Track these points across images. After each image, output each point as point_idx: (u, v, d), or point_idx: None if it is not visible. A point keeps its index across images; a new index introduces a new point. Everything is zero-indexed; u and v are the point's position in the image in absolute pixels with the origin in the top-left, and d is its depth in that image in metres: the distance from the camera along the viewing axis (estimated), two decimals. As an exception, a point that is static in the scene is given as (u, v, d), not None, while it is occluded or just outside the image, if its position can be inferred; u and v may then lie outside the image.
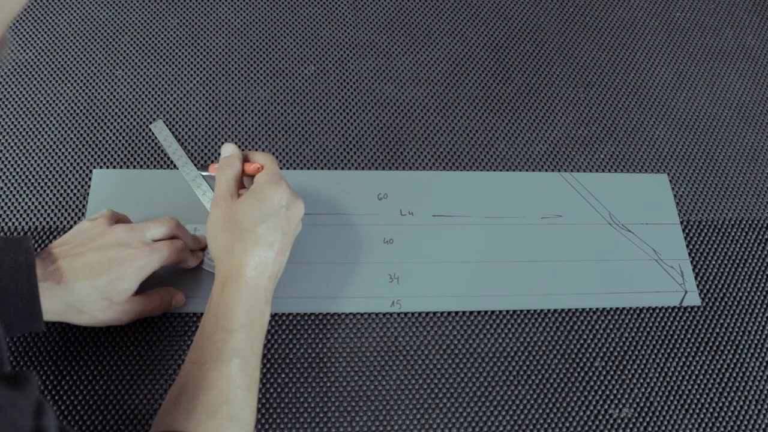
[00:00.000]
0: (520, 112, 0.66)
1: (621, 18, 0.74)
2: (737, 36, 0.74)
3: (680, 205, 0.62)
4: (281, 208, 0.47)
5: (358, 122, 0.64)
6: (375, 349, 0.53)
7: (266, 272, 0.46)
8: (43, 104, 0.62)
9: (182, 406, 0.41)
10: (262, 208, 0.47)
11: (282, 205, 0.47)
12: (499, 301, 0.55)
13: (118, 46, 0.66)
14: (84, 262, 0.45)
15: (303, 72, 0.66)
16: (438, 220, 0.59)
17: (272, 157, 0.51)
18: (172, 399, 0.42)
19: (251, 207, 0.47)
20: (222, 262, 0.46)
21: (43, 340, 0.51)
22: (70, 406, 0.49)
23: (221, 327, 0.44)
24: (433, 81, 0.67)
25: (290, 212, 0.48)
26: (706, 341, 0.56)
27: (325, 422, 0.50)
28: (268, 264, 0.46)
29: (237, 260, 0.45)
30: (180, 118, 0.62)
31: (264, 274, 0.46)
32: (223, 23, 0.69)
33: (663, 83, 0.70)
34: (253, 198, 0.47)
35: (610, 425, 0.52)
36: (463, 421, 0.51)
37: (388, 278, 0.56)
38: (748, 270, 0.60)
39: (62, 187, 0.58)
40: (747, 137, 0.67)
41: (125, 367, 0.51)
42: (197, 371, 0.42)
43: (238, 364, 0.43)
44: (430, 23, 0.71)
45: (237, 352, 0.43)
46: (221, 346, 0.43)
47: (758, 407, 0.53)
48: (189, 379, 0.42)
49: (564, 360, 0.54)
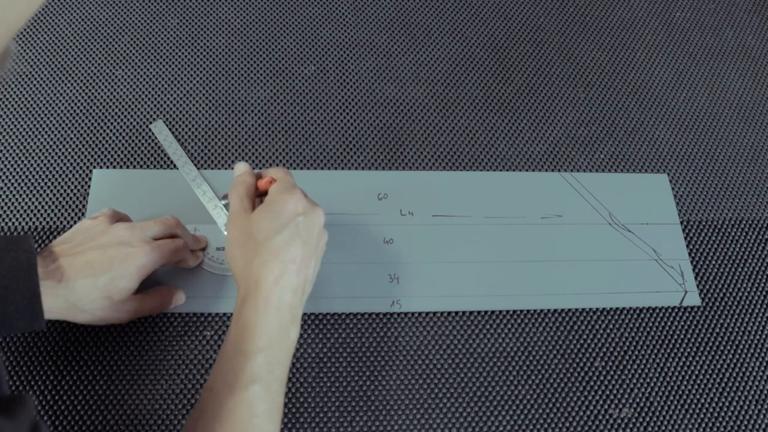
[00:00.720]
0: (520, 112, 0.66)
1: (621, 18, 0.74)
2: (737, 36, 0.74)
3: (680, 205, 0.62)
4: (297, 216, 0.45)
5: (358, 122, 0.64)
6: (375, 349, 0.53)
7: (289, 286, 0.43)
8: (43, 104, 0.62)
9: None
10: (277, 218, 0.44)
11: (297, 213, 0.45)
12: (499, 301, 0.55)
13: (118, 46, 0.66)
14: (85, 261, 0.45)
15: (303, 72, 0.66)
16: (438, 220, 0.59)
17: (285, 170, 0.49)
18: (190, 425, 0.41)
19: (265, 218, 0.45)
20: (241, 280, 0.44)
21: (44, 340, 0.51)
22: (70, 406, 0.49)
23: (239, 350, 0.41)
24: (433, 81, 0.67)
25: (308, 219, 0.45)
26: (706, 341, 0.56)
27: (325, 422, 0.50)
28: (290, 277, 0.43)
29: (255, 276, 0.43)
30: (180, 118, 0.62)
31: (286, 288, 0.43)
32: (223, 23, 0.69)
33: (663, 83, 0.70)
34: (267, 209, 0.45)
35: (610, 425, 0.52)
36: (463, 421, 0.51)
37: (388, 278, 0.56)
38: (748, 270, 0.60)
39: (62, 187, 0.58)
40: (747, 137, 0.67)
41: (125, 367, 0.51)
42: (214, 398, 0.41)
43: (257, 391, 0.40)
44: (430, 23, 0.71)
45: (256, 378, 0.41)
46: (239, 371, 0.41)
47: (758, 407, 0.53)
48: (206, 406, 0.41)
49: (564, 360, 0.54)
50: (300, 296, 0.44)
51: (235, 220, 0.46)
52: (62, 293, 0.45)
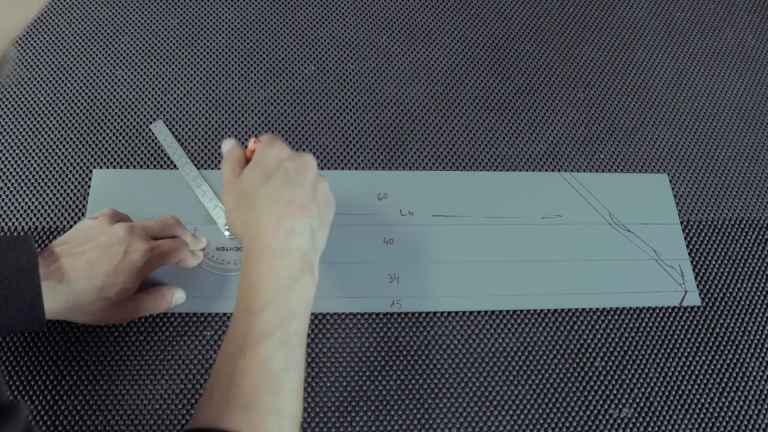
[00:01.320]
0: (520, 112, 0.66)
1: (621, 18, 0.74)
2: (737, 36, 0.74)
3: (680, 205, 0.62)
4: (282, 162, 0.44)
5: (358, 122, 0.64)
6: (375, 349, 0.53)
7: (292, 230, 0.41)
8: (43, 104, 0.62)
9: (215, 400, 0.38)
10: (262, 169, 0.44)
11: (282, 159, 0.44)
12: (499, 301, 0.55)
13: (118, 46, 0.66)
14: (85, 261, 0.45)
15: (303, 72, 0.66)
16: (438, 220, 0.59)
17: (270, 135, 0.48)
18: (207, 392, 0.39)
19: (252, 173, 0.44)
20: (244, 240, 0.43)
21: (44, 340, 0.51)
22: (70, 406, 0.49)
23: (246, 309, 0.40)
24: (433, 81, 0.67)
25: (297, 163, 0.44)
26: (706, 341, 0.56)
27: (325, 422, 0.50)
28: (291, 220, 0.41)
29: (253, 229, 0.42)
30: (180, 118, 0.62)
31: (289, 232, 0.41)
32: (223, 23, 0.69)
33: (663, 83, 0.70)
34: (252, 165, 0.45)
35: (610, 425, 0.52)
36: (463, 421, 0.51)
37: (388, 278, 0.56)
38: (748, 270, 0.60)
39: (62, 187, 0.58)
40: (747, 137, 0.67)
41: (125, 367, 0.51)
42: (227, 362, 0.39)
43: (268, 348, 0.39)
44: (430, 23, 0.71)
45: (267, 334, 0.39)
46: (247, 331, 0.39)
47: (758, 407, 0.53)
48: (220, 371, 0.39)
49: (564, 360, 0.54)
50: (309, 240, 0.42)
51: (227, 188, 0.46)
52: (63, 293, 0.45)
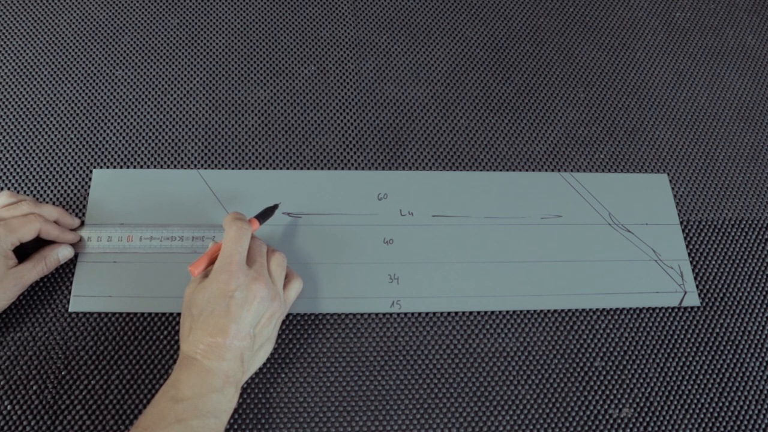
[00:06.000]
0: (520, 112, 0.66)
1: (621, 18, 0.74)
2: (737, 36, 0.74)
3: (680, 205, 0.62)
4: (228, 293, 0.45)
5: (358, 122, 0.64)
6: (375, 349, 0.53)
7: (223, 357, 0.44)
8: (43, 104, 0.62)
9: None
10: (209, 292, 0.45)
11: (230, 290, 0.45)
12: (499, 301, 0.55)
13: (118, 46, 0.66)
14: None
15: (303, 72, 0.66)
16: (438, 220, 0.59)
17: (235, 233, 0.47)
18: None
19: (202, 292, 0.46)
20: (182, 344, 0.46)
21: (43, 340, 0.51)
22: (70, 406, 0.49)
23: (167, 396, 0.43)
24: (433, 81, 0.67)
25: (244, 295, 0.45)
26: (706, 341, 0.56)
27: (325, 422, 0.50)
28: (219, 350, 0.44)
29: (190, 344, 0.45)
30: (180, 118, 0.62)
31: (221, 359, 0.44)
32: (223, 23, 0.69)
33: (663, 83, 0.70)
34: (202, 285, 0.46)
35: (610, 425, 0.52)
36: (463, 421, 0.51)
37: (388, 278, 0.56)
38: (748, 270, 0.60)
39: (62, 187, 0.58)
40: (747, 137, 0.67)
41: (125, 367, 0.51)
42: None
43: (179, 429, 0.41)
44: (430, 23, 0.71)
45: (180, 419, 0.41)
46: (164, 412, 0.42)
47: (758, 407, 0.53)
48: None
49: (564, 360, 0.54)
50: (236, 364, 0.45)
51: (190, 286, 0.47)
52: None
